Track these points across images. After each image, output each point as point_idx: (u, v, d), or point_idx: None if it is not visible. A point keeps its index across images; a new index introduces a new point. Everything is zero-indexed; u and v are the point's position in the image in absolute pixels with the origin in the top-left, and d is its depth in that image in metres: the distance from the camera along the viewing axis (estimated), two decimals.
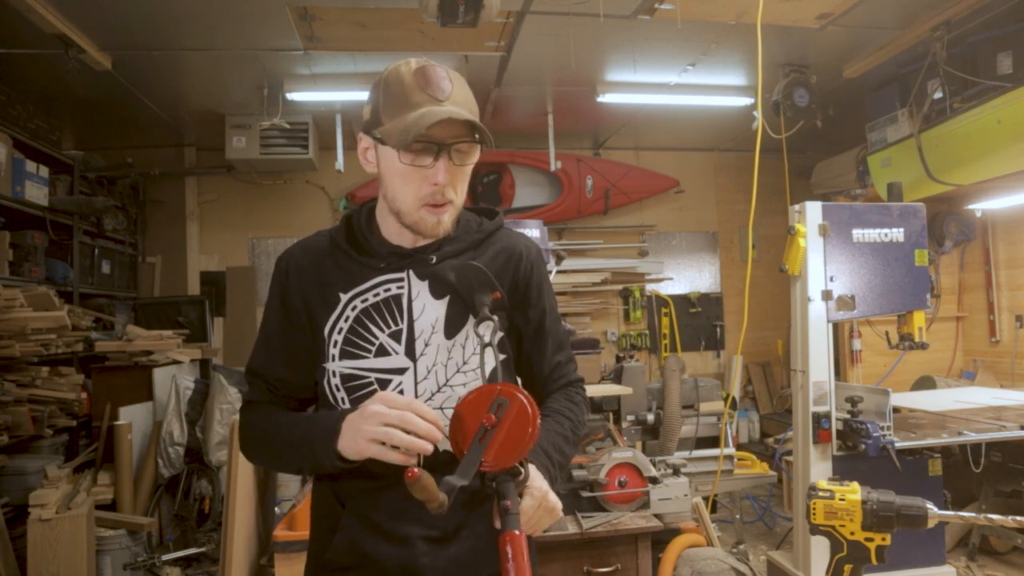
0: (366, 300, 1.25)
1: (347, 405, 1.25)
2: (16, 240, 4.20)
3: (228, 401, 4.39)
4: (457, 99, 1.19)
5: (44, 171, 4.38)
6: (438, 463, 1.12)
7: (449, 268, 1.27)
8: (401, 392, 1.24)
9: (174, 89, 4.85)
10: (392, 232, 1.29)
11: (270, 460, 1.36)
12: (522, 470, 1.09)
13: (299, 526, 2.67)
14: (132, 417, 4.21)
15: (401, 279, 1.26)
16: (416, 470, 0.98)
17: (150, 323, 5.18)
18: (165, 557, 4.01)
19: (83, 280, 4.95)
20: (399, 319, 1.25)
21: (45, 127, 4.78)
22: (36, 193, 4.27)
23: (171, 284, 6.04)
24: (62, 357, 4.22)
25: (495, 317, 1.20)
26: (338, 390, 1.25)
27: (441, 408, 1.24)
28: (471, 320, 1.25)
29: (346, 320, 1.25)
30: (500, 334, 1.27)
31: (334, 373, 1.25)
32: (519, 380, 1.39)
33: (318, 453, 1.16)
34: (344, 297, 1.26)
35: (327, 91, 4.78)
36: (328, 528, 1.29)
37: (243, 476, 3.07)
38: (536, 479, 1.15)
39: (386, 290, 1.26)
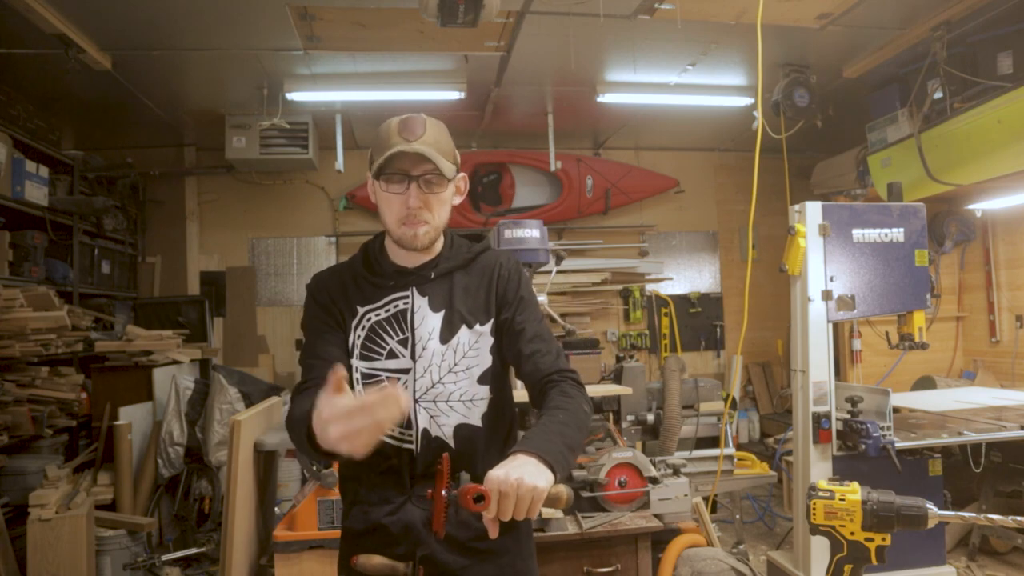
0: (379, 314, 1.52)
1: None
2: (16, 240, 4.19)
3: (228, 401, 4.39)
4: (427, 140, 1.42)
5: (44, 171, 4.38)
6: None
7: (449, 287, 1.53)
8: (406, 386, 1.48)
9: (174, 89, 4.85)
10: (398, 254, 1.55)
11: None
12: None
13: (299, 526, 2.67)
14: (132, 417, 4.21)
15: (407, 296, 1.52)
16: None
17: (150, 323, 5.18)
18: (165, 557, 4.01)
19: (83, 280, 4.95)
20: (405, 329, 1.51)
21: (45, 127, 4.77)
22: (36, 193, 4.27)
23: (171, 284, 6.04)
24: (62, 357, 4.22)
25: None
26: (359, 383, 1.51)
27: (434, 401, 1.48)
28: (462, 328, 1.50)
29: (363, 329, 1.52)
30: (492, 339, 1.52)
31: (356, 369, 1.52)
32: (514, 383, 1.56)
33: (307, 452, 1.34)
34: (361, 310, 1.53)
35: (327, 91, 4.77)
36: (350, 502, 1.56)
37: (243, 476, 3.06)
38: (494, 471, 1.16)
39: (395, 306, 1.52)
